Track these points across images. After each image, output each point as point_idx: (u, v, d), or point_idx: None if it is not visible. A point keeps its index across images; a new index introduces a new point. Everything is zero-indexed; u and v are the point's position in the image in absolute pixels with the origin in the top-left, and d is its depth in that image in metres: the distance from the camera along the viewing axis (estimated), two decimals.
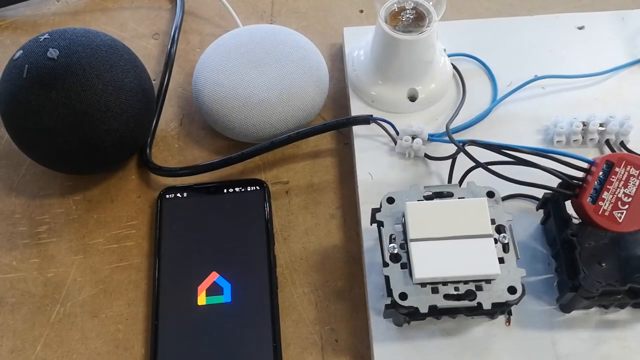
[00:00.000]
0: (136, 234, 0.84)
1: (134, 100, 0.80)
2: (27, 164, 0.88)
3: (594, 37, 0.93)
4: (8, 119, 0.79)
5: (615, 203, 0.67)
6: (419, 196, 0.71)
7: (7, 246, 0.83)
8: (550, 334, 0.72)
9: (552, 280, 0.74)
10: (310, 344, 0.76)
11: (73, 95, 0.75)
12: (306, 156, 0.89)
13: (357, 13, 1.02)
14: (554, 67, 0.90)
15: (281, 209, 0.85)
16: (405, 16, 0.83)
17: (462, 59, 0.92)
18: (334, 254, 0.82)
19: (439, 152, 0.83)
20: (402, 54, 0.83)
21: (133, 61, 0.82)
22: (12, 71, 0.77)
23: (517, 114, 0.87)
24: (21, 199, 0.87)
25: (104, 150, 0.79)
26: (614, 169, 0.68)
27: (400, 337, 0.73)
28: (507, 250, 0.68)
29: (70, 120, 0.76)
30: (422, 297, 0.66)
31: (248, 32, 0.90)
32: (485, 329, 0.73)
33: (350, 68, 0.91)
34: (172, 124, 0.92)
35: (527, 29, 0.94)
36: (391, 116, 0.85)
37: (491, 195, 0.71)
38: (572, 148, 0.83)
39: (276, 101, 0.85)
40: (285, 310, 0.78)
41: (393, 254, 0.68)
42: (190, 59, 0.98)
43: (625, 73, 0.90)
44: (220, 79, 0.86)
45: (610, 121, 0.82)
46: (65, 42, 0.77)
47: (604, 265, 0.70)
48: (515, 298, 0.65)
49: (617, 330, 0.72)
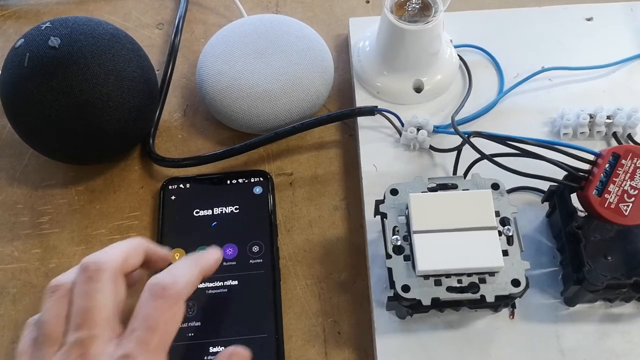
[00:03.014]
0: (139, 224, 0.83)
1: (137, 90, 0.79)
2: (30, 153, 0.88)
3: (603, 29, 0.92)
4: (9, 107, 0.78)
5: (622, 196, 0.66)
6: (423, 188, 0.71)
7: (9, 236, 0.83)
8: (554, 328, 0.72)
9: (557, 274, 0.74)
10: (312, 336, 0.76)
11: (74, 84, 0.74)
12: (311, 147, 0.88)
13: (363, 3, 1.01)
14: (562, 59, 0.89)
15: (285, 200, 0.84)
16: (411, 6, 0.82)
17: (468, 50, 0.91)
18: (338, 245, 0.81)
19: (444, 144, 0.83)
20: (407, 45, 0.83)
21: (136, 50, 0.82)
22: (13, 60, 0.77)
23: (523, 106, 0.86)
24: (23, 189, 0.86)
25: (106, 140, 0.79)
26: (620, 161, 0.67)
27: (403, 330, 0.72)
28: (511, 242, 0.67)
29: (71, 110, 0.75)
30: (424, 290, 0.65)
31: (252, 22, 0.90)
32: (489, 322, 0.72)
33: (356, 59, 0.90)
34: (175, 115, 0.91)
35: (535, 20, 0.93)
36: (396, 107, 0.85)
37: (496, 187, 0.70)
38: (579, 140, 0.82)
39: (280, 92, 0.84)
40: (288, 302, 0.78)
41: (396, 246, 0.67)
42: (194, 49, 0.97)
43: (634, 65, 0.89)
44: (224, 69, 0.85)
45: (618, 113, 0.81)
46: (67, 31, 0.77)
47: (609, 259, 0.69)
48: (519, 291, 0.65)
49: (621, 324, 0.72)
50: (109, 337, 0.58)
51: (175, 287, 0.60)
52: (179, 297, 0.61)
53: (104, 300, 0.59)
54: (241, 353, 0.64)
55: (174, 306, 0.60)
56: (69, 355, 0.57)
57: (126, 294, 0.62)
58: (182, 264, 0.66)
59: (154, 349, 0.58)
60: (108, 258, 0.61)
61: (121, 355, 0.56)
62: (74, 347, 0.57)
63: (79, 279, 0.60)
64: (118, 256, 0.62)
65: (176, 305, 0.60)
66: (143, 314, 0.59)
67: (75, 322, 0.58)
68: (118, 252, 0.63)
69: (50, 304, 0.60)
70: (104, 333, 0.58)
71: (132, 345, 0.57)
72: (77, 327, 0.58)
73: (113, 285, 0.60)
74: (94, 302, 0.59)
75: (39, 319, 0.60)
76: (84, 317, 0.58)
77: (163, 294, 0.59)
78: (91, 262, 0.60)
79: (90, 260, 0.61)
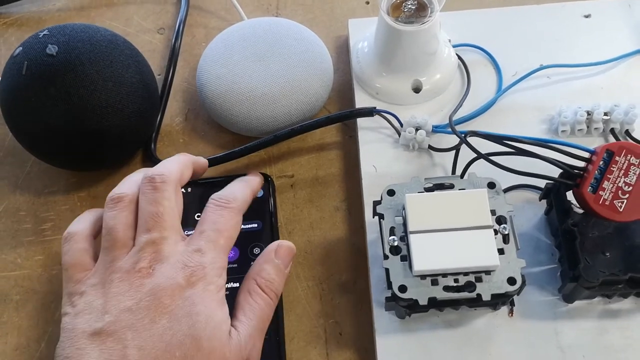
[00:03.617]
0: None
1: (136, 95, 0.80)
2: (32, 161, 0.89)
3: (601, 26, 0.92)
4: (9, 116, 0.79)
5: (616, 192, 0.66)
6: (420, 188, 0.71)
7: (12, 243, 0.84)
8: (553, 325, 0.72)
9: (556, 271, 0.74)
10: (314, 337, 0.76)
11: (72, 91, 0.75)
12: (311, 149, 0.88)
13: (362, 4, 1.02)
14: (560, 56, 0.89)
15: (286, 202, 0.85)
16: (407, 7, 0.82)
17: (467, 50, 0.91)
18: (339, 246, 0.81)
19: (443, 144, 0.83)
20: (404, 45, 0.83)
21: (134, 56, 0.82)
22: (12, 68, 0.78)
23: (522, 103, 0.86)
24: (26, 196, 0.87)
25: (106, 146, 0.80)
26: (614, 158, 0.67)
27: (403, 330, 0.72)
28: (507, 241, 0.67)
29: (70, 117, 0.76)
30: (421, 290, 0.65)
31: (251, 25, 0.90)
32: (488, 320, 0.72)
33: (355, 60, 0.90)
34: (177, 119, 0.92)
35: (533, 18, 0.93)
36: (396, 108, 0.85)
37: (492, 186, 0.70)
38: (577, 137, 0.82)
39: (279, 95, 0.85)
40: (289, 304, 0.78)
41: (393, 247, 0.68)
42: (195, 53, 0.98)
43: (632, 61, 0.89)
44: (223, 73, 0.86)
45: (615, 110, 0.81)
46: (64, 38, 0.77)
47: (607, 255, 0.69)
48: (515, 289, 0.65)
49: (620, 320, 0.72)
50: (177, 239, 0.67)
51: (236, 201, 0.71)
52: (239, 209, 0.72)
53: (171, 207, 0.68)
54: (286, 245, 0.73)
55: (236, 216, 0.70)
56: (143, 254, 0.65)
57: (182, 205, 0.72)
58: (237, 184, 0.77)
59: (220, 247, 0.67)
60: (170, 171, 0.70)
61: (194, 250, 0.66)
62: (147, 246, 0.65)
63: (146, 188, 0.69)
64: (177, 170, 0.72)
65: (238, 215, 0.71)
66: (211, 219, 0.69)
67: (146, 225, 0.66)
68: (176, 167, 0.72)
69: (116, 212, 0.68)
70: (174, 235, 0.67)
71: (203, 242, 0.66)
72: (148, 230, 0.66)
73: (175, 196, 0.69)
74: (162, 208, 0.67)
75: (105, 226, 0.68)
76: (155, 221, 0.66)
77: (227, 205, 0.70)
78: (157, 174, 0.69)
79: (155, 173, 0.69)
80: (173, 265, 0.64)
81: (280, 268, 0.71)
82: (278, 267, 0.71)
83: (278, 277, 0.70)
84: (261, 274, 0.70)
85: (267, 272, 0.70)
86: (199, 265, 0.64)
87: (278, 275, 0.71)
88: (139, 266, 0.64)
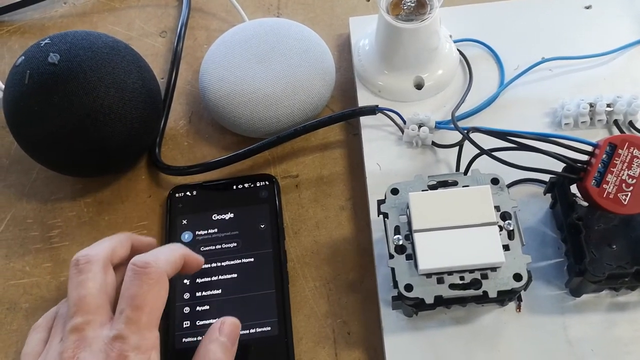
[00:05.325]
0: (147, 234, 0.84)
1: (138, 101, 0.80)
2: (38, 168, 0.89)
3: (602, 17, 0.92)
4: (14, 125, 0.79)
5: (620, 185, 0.66)
6: (423, 186, 0.71)
7: (20, 252, 0.84)
8: (561, 319, 0.72)
9: (562, 265, 0.74)
10: (322, 337, 0.76)
11: (75, 99, 0.75)
12: (315, 149, 0.88)
13: (363, 2, 1.01)
14: (562, 49, 0.89)
15: (291, 203, 0.85)
16: (406, 4, 0.82)
17: (469, 45, 0.91)
18: (345, 246, 0.81)
19: (446, 140, 0.83)
20: (405, 43, 0.83)
21: (136, 62, 0.82)
22: (14, 77, 0.78)
23: (525, 97, 0.86)
24: (33, 204, 0.87)
25: (111, 152, 0.80)
26: (617, 150, 0.67)
27: (411, 328, 0.72)
28: (512, 237, 0.67)
29: (73, 125, 0.76)
30: (427, 288, 0.65)
31: (252, 26, 0.90)
32: (496, 316, 0.72)
33: (356, 58, 0.90)
34: (181, 122, 0.92)
35: (534, 11, 0.93)
36: (399, 105, 0.85)
37: (496, 182, 0.70)
38: (581, 130, 0.82)
39: (281, 95, 0.85)
40: (297, 304, 0.78)
41: (398, 246, 0.68)
42: (197, 56, 0.98)
43: (634, 51, 0.89)
44: (225, 75, 0.86)
45: (618, 101, 0.81)
46: (66, 46, 0.78)
47: (614, 248, 0.69)
48: (521, 285, 0.65)
49: (628, 312, 0.72)
50: (103, 321, 0.63)
51: (156, 263, 0.65)
52: (161, 272, 0.65)
53: (95, 288, 0.65)
54: (229, 321, 0.69)
55: (158, 282, 0.64)
56: (67, 343, 0.62)
57: (116, 283, 0.68)
58: (164, 246, 0.72)
59: (144, 326, 0.62)
60: (95, 251, 0.68)
61: (114, 337, 0.61)
62: (71, 334, 0.62)
63: (71, 272, 0.66)
64: (105, 248, 0.69)
65: (160, 281, 0.65)
66: (129, 294, 0.63)
67: (70, 311, 0.64)
68: (105, 245, 0.69)
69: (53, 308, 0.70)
70: (98, 318, 0.63)
71: (122, 326, 0.62)
72: (72, 315, 0.63)
73: (103, 275, 0.66)
74: (86, 291, 0.64)
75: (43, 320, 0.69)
76: (78, 305, 0.63)
77: (145, 270, 0.64)
78: (81, 257, 0.67)
79: (79, 255, 0.67)
80: (96, 354, 0.61)
81: (226, 346, 0.67)
82: (224, 345, 0.67)
83: (225, 356, 0.67)
84: (207, 356, 0.66)
85: (213, 353, 0.66)
86: (120, 354, 0.60)
87: (225, 353, 0.67)
88: (64, 356, 0.61)
